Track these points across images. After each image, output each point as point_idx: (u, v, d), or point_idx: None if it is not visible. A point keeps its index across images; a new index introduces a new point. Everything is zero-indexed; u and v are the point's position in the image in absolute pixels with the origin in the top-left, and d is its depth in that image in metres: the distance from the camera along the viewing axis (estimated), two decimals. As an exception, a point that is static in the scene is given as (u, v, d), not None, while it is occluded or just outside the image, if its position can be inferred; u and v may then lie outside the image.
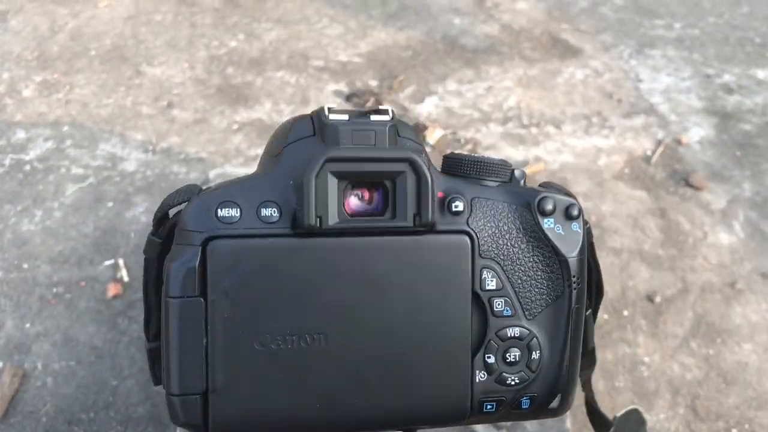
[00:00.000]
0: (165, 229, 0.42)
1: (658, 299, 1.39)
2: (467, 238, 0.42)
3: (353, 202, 0.40)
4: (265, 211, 0.38)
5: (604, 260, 1.45)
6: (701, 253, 1.50)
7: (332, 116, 0.40)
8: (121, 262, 1.38)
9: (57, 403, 1.17)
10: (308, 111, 1.78)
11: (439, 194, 0.42)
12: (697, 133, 1.81)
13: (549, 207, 0.44)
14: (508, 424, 0.91)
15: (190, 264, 0.37)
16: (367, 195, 0.40)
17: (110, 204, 1.50)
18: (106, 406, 1.17)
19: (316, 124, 0.41)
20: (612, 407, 1.21)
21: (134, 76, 1.85)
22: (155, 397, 1.18)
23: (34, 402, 1.17)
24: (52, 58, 1.90)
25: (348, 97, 1.81)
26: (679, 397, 1.24)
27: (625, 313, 1.37)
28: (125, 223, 1.46)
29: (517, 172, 0.46)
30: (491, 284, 0.42)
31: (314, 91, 1.84)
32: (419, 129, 1.71)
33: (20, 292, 1.32)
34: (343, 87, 1.86)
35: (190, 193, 0.40)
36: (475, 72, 1.95)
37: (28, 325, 1.27)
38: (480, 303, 0.42)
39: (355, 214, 0.40)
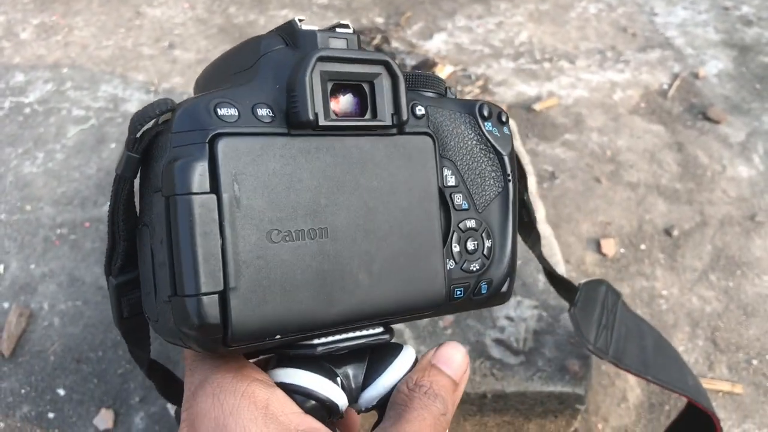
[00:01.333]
0: (142, 143, 0.39)
1: (675, 233, 1.36)
2: (431, 139, 0.45)
3: (340, 101, 0.42)
4: (261, 111, 0.38)
5: (621, 194, 1.42)
6: (720, 186, 1.46)
7: (304, 26, 0.41)
8: (125, 202, 1.35)
9: (65, 342, 1.15)
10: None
11: None
12: (715, 66, 1.75)
13: (486, 112, 0.49)
14: (525, 349, 0.89)
15: (199, 160, 0.36)
16: (349, 96, 0.42)
17: (113, 145, 1.47)
18: (114, 345, 1.15)
19: (287, 37, 0.42)
20: (630, 340, 1.19)
21: (134, 17, 1.80)
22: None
23: (42, 341, 1.15)
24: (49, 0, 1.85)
25: (354, 35, 1.76)
26: (699, 329, 1.22)
27: (642, 246, 1.33)
28: (129, 164, 1.43)
29: (450, 88, 0.48)
30: (451, 181, 0.46)
31: (319, 29, 1.79)
32: (428, 66, 1.66)
33: (24, 234, 1.30)
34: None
35: (164, 105, 0.39)
36: (485, 7, 1.89)
37: (33, 266, 1.25)
38: (443, 198, 0.45)
39: (341, 115, 0.41)
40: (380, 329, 0.43)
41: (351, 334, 0.42)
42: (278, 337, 0.38)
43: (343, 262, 0.40)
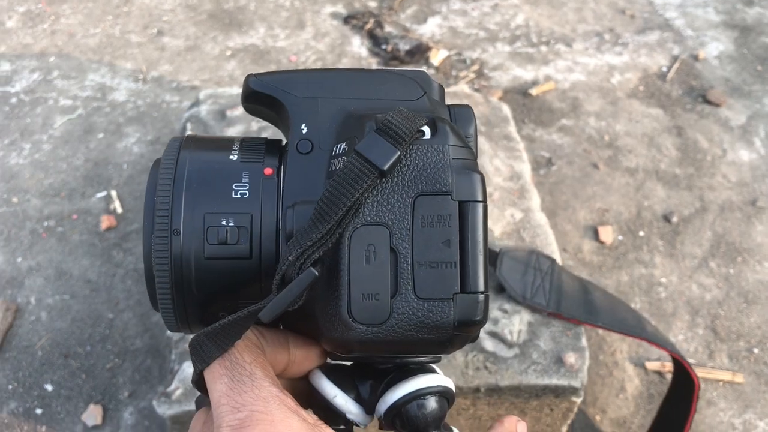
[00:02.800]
0: (413, 138, 0.40)
1: (675, 219, 1.33)
2: None
3: None
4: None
5: (619, 180, 1.39)
6: (720, 171, 1.43)
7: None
8: (114, 193, 1.32)
9: (52, 337, 1.13)
10: (304, 35, 1.71)
11: None
12: (716, 47, 1.72)
13: None
14: (520, 341, 0.86)
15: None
16: None
17: (101, 135, 1.44)
18: (103, 339, 1.13)
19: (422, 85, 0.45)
20: (628, 329, 1.17)
21: (122, 4, 1.76)
22: (153, 328, 1.14)
23: (29, 336, 1.13)
24: (36, -13, 1.82)
25: (346, 20, 1.73)
26: (699, 317, 1.20)
27: (641, 233, 1.31)
28: (117, 155, 1.40)
29: None
30: None
31: (310, 14, 1.75)
32: (422, 50, 1.63)
33: (10, 227, 1.27)
34: (341, 9, 1.77)
35: (423, 118, 0.40)
36: (480, -10, 1.86)
37: (19, 260, 1.23)
38: None
39: None
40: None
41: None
42: None
43: None
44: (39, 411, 1.06)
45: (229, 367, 0.37)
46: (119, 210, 1.29)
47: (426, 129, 0.39)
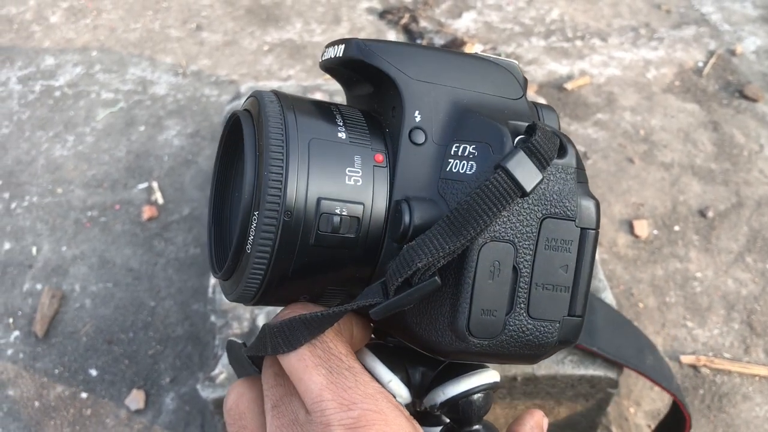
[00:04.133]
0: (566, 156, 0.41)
1: (710, 214, 1.33)
2: None
3: None
4: None
5: (654, 175, 1.39)
6: (757, 166, 1.42)
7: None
8: (155, 184, 1.35)
9: (96, 324, 1.16)
10: (340, 30, 1.73)
11: None
12: (753, 42, 1.70)
13: None
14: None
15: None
16: None
17: (142, 128, 1.47)
18: (145, 326, 1.16)
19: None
20: (663, 323, 1.17)
21: (162, 0, 1.80)
22: (194, 316, 1.17)
23: (74, 323, 1.17)
24: (78, -17, 1.86)
25: (382, 15, 1.74)
26: (734, 312, 1.19)
27: (676, 228, 1.31)
28: (158, 147, 1.43)
29: None
30: None
31: (346, 9, 1.77)
32: (457, 45, 1.64)
33: (55, 217, 1.31)
34: (376, 4, 1.78)
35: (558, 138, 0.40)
36: (515, -15, 1.86)
37: (64, 249, 1.26)
38: None
39: None
40: None
41: None
42: None
43: None
44: (84, 395, 1.09)
45: (324, 357, 0.36)
46: (160, 201, 1.32)
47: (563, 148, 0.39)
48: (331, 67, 0.43)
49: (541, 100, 1.22)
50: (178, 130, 1.46)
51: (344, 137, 0.39)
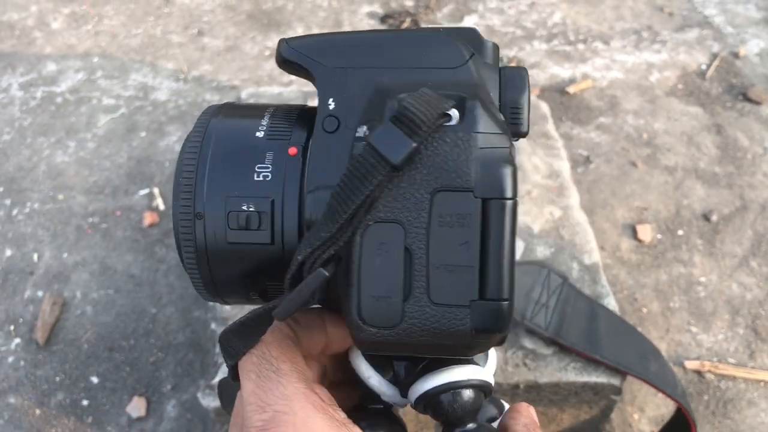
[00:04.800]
0: (422, 134, 0.36)
1: (714, 218, 1.32)
2: None
3: None
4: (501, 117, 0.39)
5: (657, 179, 1.38)
6: (761, 169, 1.41)
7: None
8: (156, 191, 1.35)
9: (97, 331, 1.16)
10: (342, 34, 1.71)
11: None
12: (756, 44, 1.69)
13: None
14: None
15: (512, 164, 0.37)
16: None
17: (143, 134, 1.47)
18: (146, 333, 1.15)
19: (473, 42, 0.40)
20: (667, 329, 1.16)
21: (163, 5, 1.80)
22: (195, 323, 1.16)
23: (75, 330, 1.16)
24: (79, -11, 1.86)
25: (383, 19, 1.74)
26: (739, 317, 1.18)
27: (680, 232, 1.30)
28: (159, 153, 1.43)
29: None
30: None
31: (347, 13, 1.77)
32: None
33: (57, 223, 1.31)
34: (377, 8, 1.78)
35: (451, 101, 0.37)
36: (517, -11, 1.86)
37: (65, 255, 1.26)
38: None
39: None
40: None
41: None
42: None
43: None
44: (85, 402, 1.09)
45: (256, 362, 0.37)
46: (161, 207, 1.32)
47: (453, 112, 0.35)
48: (281, 68, 0.42)
49: (543, 104, 1.21)
50: (179, 136, 1.46)
51: (262, 135, 0.39)
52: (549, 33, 1.72)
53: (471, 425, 0.40)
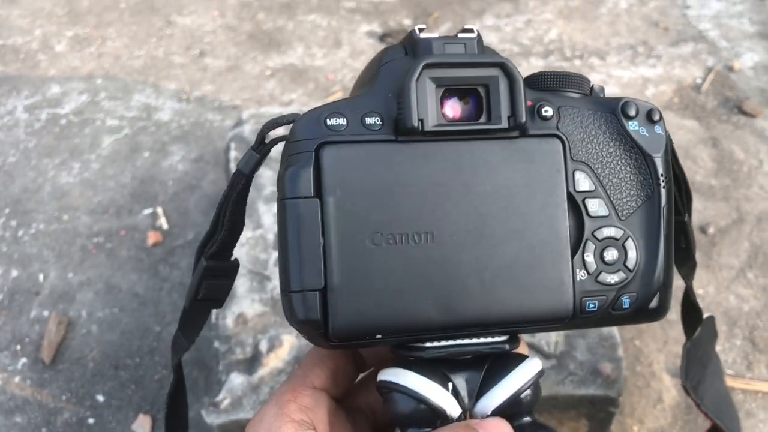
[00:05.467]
0: (266, 147, 0.45)
1: (711, 230, 1.33)
2: (559, 141, 0.42)
3: (450, 107, 0.42)
4: (369, 120, 0.41)
5: (654, 192, 1.40)
6: (757, 181, 1.43)
7: (423, 34, 0.42)
8: (159, 210, 1.37)
9: (103, 350, 1.18)
10: (341, 54, 1.75)
11: (528, 102, 0.43)
12: (751, 58, 1.71)
13: (632, 111, 0.44)
14: (557, 352, 0.88)
15: (305, 167, 0.40)
16: (463, 100, 0.42)
17: (146, 154, 1.49)
18: (151, 351, 1.17)
19: (408, 46, 0.44)
20: (665, 341, 1.17)
21: (165, 27, 1.83)
22: (199, 341, 1.17)
23: (81, 348, 1.18)
24: (82, 12, 1.89)
25: (381, 38, 1.76)
26: (736, 328, 1.20)
27: (677, 245, 1.31)
28: (162, 172, 1.45)
29: (596, 86, 0.46)
30: (584, 185, 0.43)
31: (346, 33, 1.79)
32: (456, 66, 1.66)
33: (62, 243, 1.33)
34: (376, 27, 1.80)
35: (292, 116, 0.44)
36: (514, 5, 1.88)
37: (71, 275, 1.28)
38: (575, 204, 0.42)
39: (453, 120, 0.42)
40: (502, 338, 0.42)
41: (466, 341, 0.42)
42: (379, 336, 0.40)
43: (449, 267, 0.40)
44: (91, 420, 1.10)
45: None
46: (165, 226, 1.34)
47: None
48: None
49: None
50: (182, 156, 1.48)
51: None
52: (546, 49, 1.74)
53: (527, 418, 0.43)
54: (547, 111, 0.42)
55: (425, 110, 0.40)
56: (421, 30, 0.42)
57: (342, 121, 0.40)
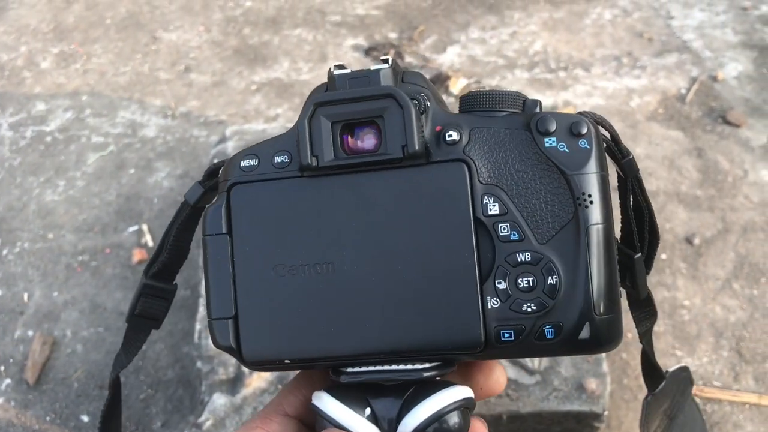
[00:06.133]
0: (210, 182, 0.49)
1: (697, 241, 1.34)
2: (463, 165, 0.42)
3: (350, 141, 0.43)
4: (278, 159, 0.43)
5: (639, 203, 1.40)
6: (742, 191, 1.43)
7: (336, 71, 0.44)
8: (145, 227, 1.37)
9: (87, 369, 1.17)
10: (327, 68, 1.74)
11: (437, 128, 0.43)
12: (734, 68, 1.72)
13: (549, 126, 0.42)
14: (541, 368, 0.88)
15: (218, 206, 0.43)
16: (367, 133, 0.43)
17: (132, 171, 1.49)
18: (136, 370, 1.16)
19: (329, 83, 0.45)
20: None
21: (150, 43, 1.82)
22: (184, 359, 1.17)
23: (65, 368, 1.17)
24: (68, 29, 1.89)
25: (367, 51, 1.77)
26: (723, 340, 1.20)
27: (663, 256, 1.32)
28: (148, 189, 1.45)
29: (529, 101, 0.45)
30: (494, 209, 0.42)
31: (332, 47, 1.80)
32: (442, 79, 1.66)
33: (47, 262, 1.32)
34: (362, 41, 1.81)
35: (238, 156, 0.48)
36: (499, 18, 1.89)
37: (56, 294, 1.27)
38: (485, 229, 0.42)
39: (353, 152, 0.43)
40: (423, 365, 0.41)
41: (379, 368, 0.42)
42: (287, 362, 0.42)
43: (350, 296, 0.41)
44: (76, 441, 1.09)
45: None
46: (150, 243, 1.34)
47: None
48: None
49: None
50: (167, 172, 1.48)
51: None
52: (530, 61, 1.75)
53: None
54: (451, 135, 0.42)
55: (320, 147, 0.42)
56: (338, 67, 0.44)
57: (254, 162, 0.43)
